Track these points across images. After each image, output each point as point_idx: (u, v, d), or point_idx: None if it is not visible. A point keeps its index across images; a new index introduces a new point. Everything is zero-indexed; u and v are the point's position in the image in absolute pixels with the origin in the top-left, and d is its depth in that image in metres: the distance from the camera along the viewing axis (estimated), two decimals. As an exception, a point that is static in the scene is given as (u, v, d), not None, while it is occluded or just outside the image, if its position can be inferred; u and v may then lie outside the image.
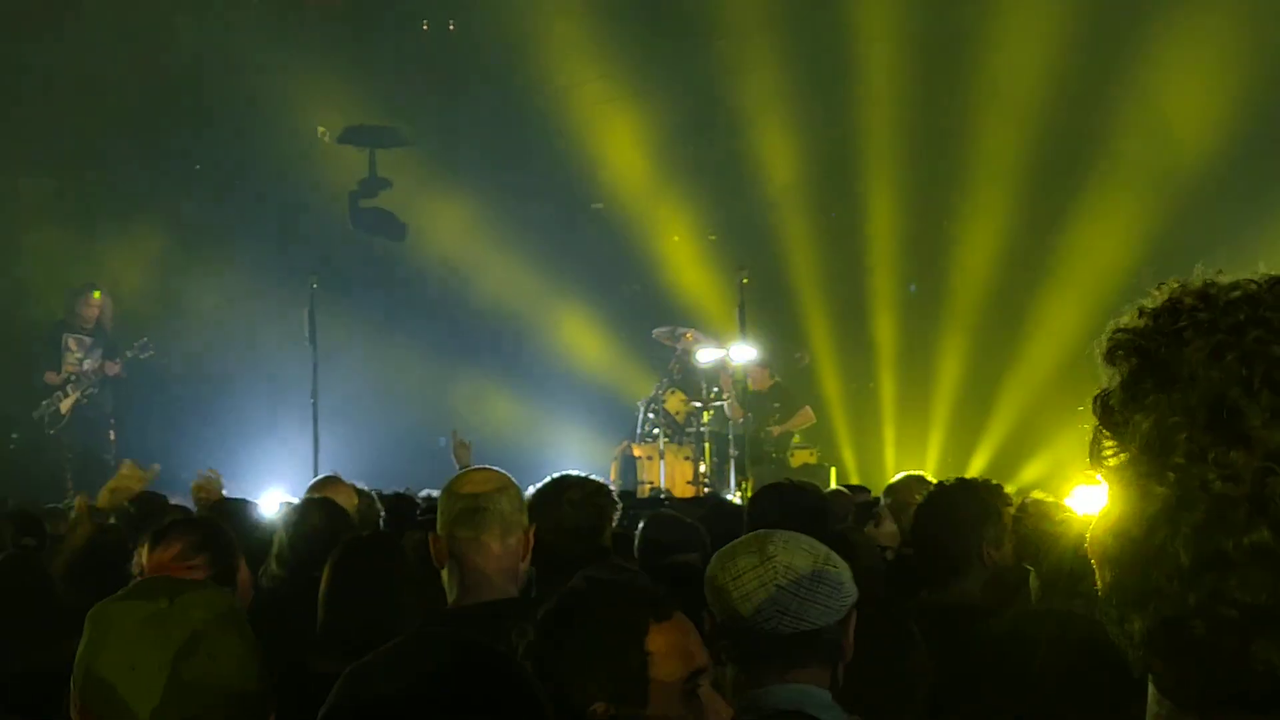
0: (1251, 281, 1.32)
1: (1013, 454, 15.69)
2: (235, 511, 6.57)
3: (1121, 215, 15.44)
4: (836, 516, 6.49)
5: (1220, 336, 1.28)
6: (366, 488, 8.26)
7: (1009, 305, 16.20)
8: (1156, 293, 1.36)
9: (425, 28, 16.95)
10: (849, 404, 17.50)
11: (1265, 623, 1.22)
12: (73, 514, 6.46)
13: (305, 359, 13.83)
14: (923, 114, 16.47)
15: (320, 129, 16.74)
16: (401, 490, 9.04)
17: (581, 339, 17.23)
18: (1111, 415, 1.34)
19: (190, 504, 7.85)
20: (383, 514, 7.37)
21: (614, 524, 4.89)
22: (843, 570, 3.18)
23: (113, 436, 14.70)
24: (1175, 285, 1.35)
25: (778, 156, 16.91)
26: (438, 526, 3.97)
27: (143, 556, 4.49)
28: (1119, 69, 15.31)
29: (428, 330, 16.73)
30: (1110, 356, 1.35)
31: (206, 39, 15.79)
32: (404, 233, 16.86)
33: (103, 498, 6.70)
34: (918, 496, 5.32)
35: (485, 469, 4.11)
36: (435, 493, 8.74)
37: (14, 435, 14.63)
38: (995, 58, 15.66)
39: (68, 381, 14.46)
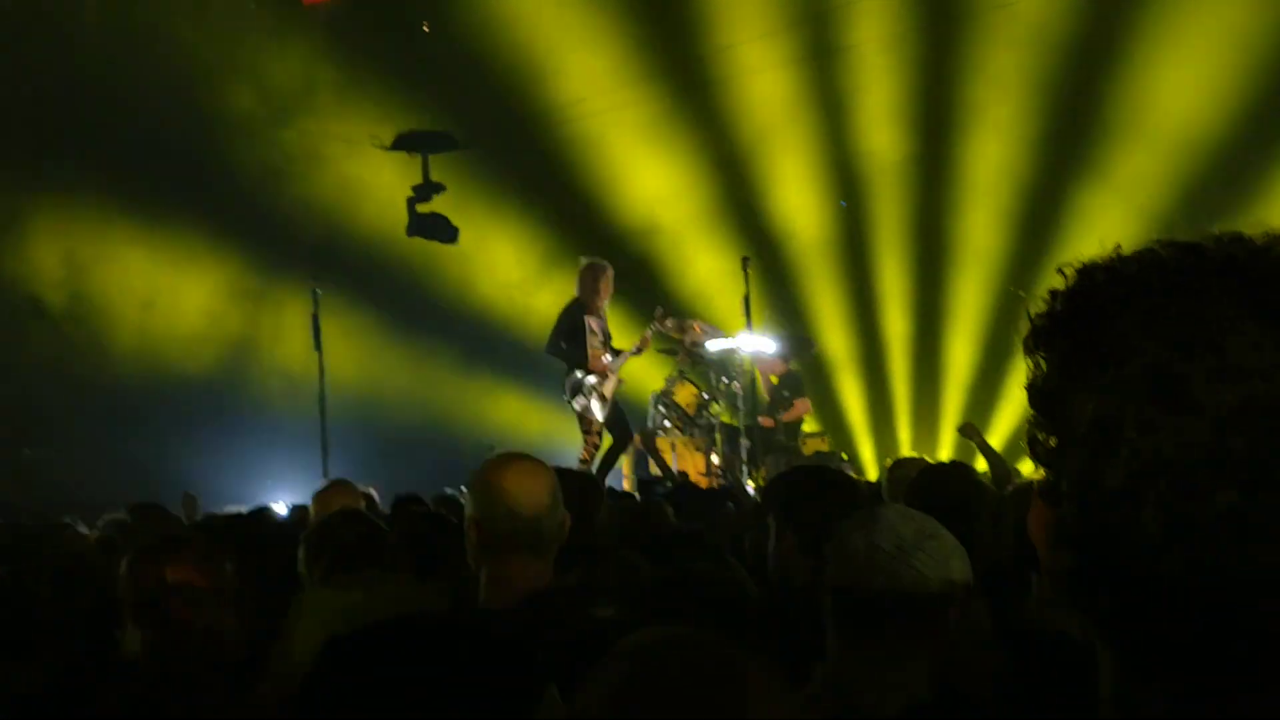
0: (1156, 249, 1.33)
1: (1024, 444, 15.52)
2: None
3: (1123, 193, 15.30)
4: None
5: (1146, 306, 1.29)
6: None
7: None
8: (1062, 275, 1.36)
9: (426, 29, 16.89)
10: (862, 394, 17.47)
11: (1240, 585, 1.23)
12: None
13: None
14: (922, 111, 16.44)
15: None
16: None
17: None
18: (1050, 402, 1.34)
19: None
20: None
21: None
22: None
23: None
24: (1078, 264, 1.35)
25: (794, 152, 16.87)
26: None
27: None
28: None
29: (435, 331, 16.66)
30: (1036, 344, 1.35)
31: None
32: (456, 235, 16.70)
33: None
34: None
35: None
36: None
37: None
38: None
39: None
